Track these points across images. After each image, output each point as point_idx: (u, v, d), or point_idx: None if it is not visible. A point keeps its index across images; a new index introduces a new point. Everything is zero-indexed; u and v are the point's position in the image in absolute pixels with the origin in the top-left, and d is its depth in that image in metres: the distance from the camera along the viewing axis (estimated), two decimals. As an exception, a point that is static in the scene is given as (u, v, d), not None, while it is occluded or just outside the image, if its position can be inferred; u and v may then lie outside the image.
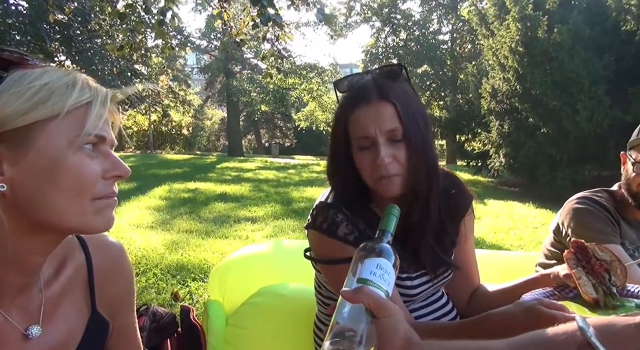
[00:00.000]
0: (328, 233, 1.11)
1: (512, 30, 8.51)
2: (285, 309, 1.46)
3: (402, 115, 1.05)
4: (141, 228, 5.03)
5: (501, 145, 9.69)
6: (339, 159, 1.14)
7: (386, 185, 1.07)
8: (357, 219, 1.13)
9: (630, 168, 1.48)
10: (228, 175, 11.02)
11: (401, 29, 21.86)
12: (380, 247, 0.83)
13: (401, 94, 1.08)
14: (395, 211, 0.89)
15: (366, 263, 0.79)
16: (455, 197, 1.25)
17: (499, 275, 1.54)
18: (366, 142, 1.06)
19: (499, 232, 5.52)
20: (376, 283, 0.77)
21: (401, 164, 1.06)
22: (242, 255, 1.69)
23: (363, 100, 1.07)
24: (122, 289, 0.92)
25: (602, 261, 1.08)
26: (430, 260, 1.18)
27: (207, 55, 22.89)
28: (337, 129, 1.12)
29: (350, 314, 0.74)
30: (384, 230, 0.86)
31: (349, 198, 1.15)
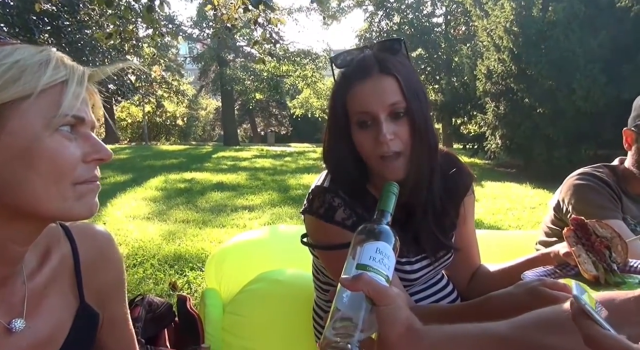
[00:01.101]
0: (325, 218, 1.08)
1: (506, 10, 8.43)
2: (282, 295, 1.45)
3: (404, 89, 1.01)
4: (137, 219, 5.00)
5: (497, 127, 9.67)
6: (336, 139, 1.09)
7: (388, 164, 1.03)
8: (355, 203, 1.10)
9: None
10: (224, 164, 10.97)
11: (394, 12, 21.61)
12: (380, 229, 0.80)
13: (402, 68, 1.04)
14: (394, 189, 0.86)
15: (365, 247, 0.77)
16: (454, 177, 1.22)
17: (498, 254, 1.52)
18: (366, 118, 1.02)
19: (496, 213, 5.52)
20: (375, 268, 0.74)
21: (403, 141, 1.02)
22: (238, 242, 1.67)
23: (363, 74, 1.02)
24: (111, 279, 0.89)
25: (602, 238, 1.06)
26: (431, 244, 1.16)
27: (199, 44, 22.64)
28: (335, 106, 1.07)
29: (350, 301, 0.72)
30: (383, 211, 0.83)
31: (346, 181, 1.11)
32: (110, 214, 5.21)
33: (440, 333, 0.73)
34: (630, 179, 1.52)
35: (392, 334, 0.70)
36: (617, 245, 1.05)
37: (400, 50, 1.10)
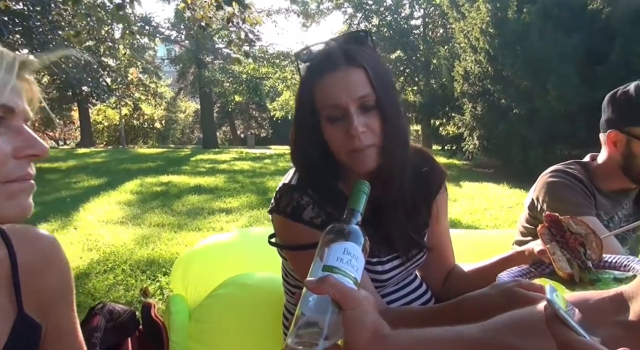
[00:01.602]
0: (292, 217, 1.03)
1: (482, 12, 8.52)
2: (252, 300, 1.39)
3: (373, 80, 0.97)
4: (110, 223, 4.87)
5: (474, 127, 9.76)
6: (304, 134, 1.04)
7: (360, 158, 0.99)
8: (324, 201, 1.05)
9: (636, 148, 1.40)
10: (202, 167, 10.82)
11: (373, 15, 21.74)
12: (349, 229, 0.76)
13: (369, 58, 1.00)
14: (364, 188, 0.82)
15: (332, 248, 0.73)
16: (426, 174, 1.18)
17: (475, 254, 1.49)
18: (336, 112, 0.97)
19: (474, 213, 5.55)
20: (343, 270, 0.70)
21: (375, 133, 0.98)
22: (206, 245, 1.60)
23: (330, 67, 0.98)
24: (54, 285, 0.82)
25: (577, 234, 1.03)
26: (402, 243, 1.12)
27: (177, 45, 22.37)
28: (302, 101, 1.03)
29: (316, 304, 0.68)
30: (353, 210, 0.79)
31: (315, 178, 1.06)
32: (82, 218, 5.06)
33: (409, 338, 0.69)
34: (604, 175, 1.51)
35: (358, 339, 0.66)
36: (592, 241, 1.02)
37: (366, 41, 1.06)
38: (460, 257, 1.31)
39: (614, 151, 1.44)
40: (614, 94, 1.47)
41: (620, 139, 1.43)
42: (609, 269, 0.99)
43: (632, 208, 1.58)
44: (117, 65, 19.17)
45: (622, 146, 1.42)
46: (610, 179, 1.50)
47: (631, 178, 1.46)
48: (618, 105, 1.45)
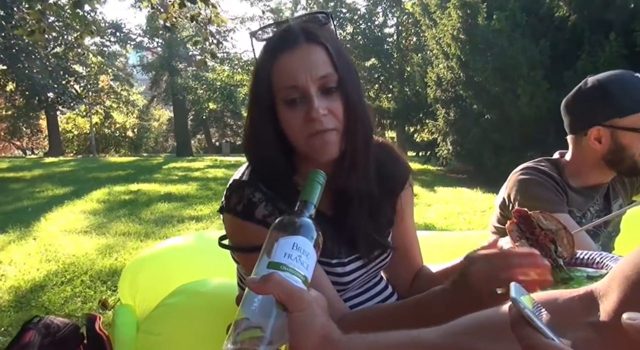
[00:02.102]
0: (243, 215, 0.94)
1: (453, 18, 8.62)
2: (205, 309, 1.28)
3: (335, 59, 0.89)
4: (73, 233, 4.66)
5: (448, 133, 9.83)
6: (259, 121, 0.95)
7: (321, 143, 0.90)
8: (278, 197, 0.95)
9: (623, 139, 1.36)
10: (174, 175, 10.60)
11: (347, 23, 21.87)
12: (300, 222, 0.68)
13: (331, 38, 0.93)
14: (319, 178, 0.73)
15: (280, 243, 0.65)
16: (390, 168, 1.10)
17: (446, 256, 1.43)
18: (294, 93, 0.89)
19: (448, 217, 5.54)
20: (291, 267, 0.63)
21: (337, 117, 0.90)
22: (157, 251, 1.49)
23: (288, 45, 0.89)
24: None
25: (547, 230, 0.97)
26: (364, 242, 1.03)
27: (149, 52, 22.04)
28: (258, 84, 0.93)
29: (260, 307, 0.60)
30: (306, 201, 0.72)
31: (269, 171, 0.96)
32: (42, 229, 4.84)
33: (362, 343, 0.63)
34: (575, 172, 1.48)
35: (305, 344, 0.60)
36: (563, 238, 0.95)
37: (328, 23, 0.99)
38: (433, 259, 1.24)
39: (598, 148, 1.39)
40: (576, 94, 1.44)
41: (604, 133, 1.38)
42: (581, 267, 0.93)
43: (603, 203, 1.55)
44: (88, 72, 18.77)
45: (608, 140, 1.38)
46: (582, 176, 1.48)
47: (619, 170, 1.43)
48: (591, 101, 1.41)
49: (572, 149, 1.50)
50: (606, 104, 1.37)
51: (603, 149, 1.40)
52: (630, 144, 1.36)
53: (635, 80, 1.37)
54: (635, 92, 1.36)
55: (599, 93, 1.38)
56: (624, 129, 1.35)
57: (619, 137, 1.36)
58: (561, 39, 7.91)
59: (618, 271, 0.49)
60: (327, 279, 0.99)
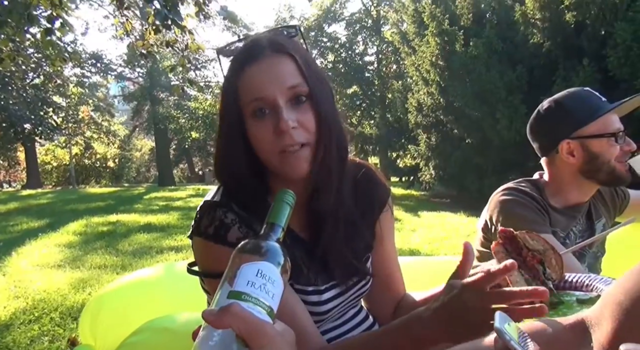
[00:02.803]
0: (215, 239, 0.86)
1: (431, 45, 8.79)
2: (171, 347, 1.17)
3: (304, 70, 0.84)
4: (45, 268, 4.47)
5: (430, 158, 9.90)
6: (229, 139, 0.89)
7: (292, 159, 0.84)
8: (252, 218, 0.89)
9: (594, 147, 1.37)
10: (155, 205, 10.40)
11: (328, 51, 22.26)
12: (266, 247, 0.62)
13: (299, 49, 0.88)
14: (288, 198, 0.67)
15: (243, 269, 0.58)
16: (368, 190, 1.04)
17: (432, 281, 1.36)
18: (262, 105, 0.83)
19: (432, 242, 5.49)
20: (254, 297, 0.56)
21: (308, 131, 0.84)
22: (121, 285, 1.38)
23: (254, 57, 0.85)
24: None
25: (534, 251, 0.91)
26: (341, 268, 0.96)
27: (130, 82, 22.02)
28: (225, 100, 0.88)
29: (219, 343, 0.53)
30: (273, 224, 0.66)
31: (241, 191, 0.90)
32: (12, 264, 4.64)
33: None
34: (555, 192, 1.47)
35: None
36: (551, 258, 0.90)
37: (296, 35, 0.94)
38: (418, 285, 1.17)
39: (573, 162, 1.40)
40: (537, 118, 1.48)
41: (574, 146, 1.40)
42: (570, 290, 0.87)
43: (586, 223, 1.53)
44: (67, 103, 18.62)
45: (580, 152, 1.39)
46: (562, 195, 1.46)
47: (600, 180, 1.42)
48: (552, 120, 1.44)
49: (548, 170, 1.51)
50: (567, 117, 1.40)
51: (577, 161, 1.40)
52: (601, 150, 1.38)
53: (587, 92, 1.42)
54: (590, 102, 1.40)
55: (558, 110, 1.42)
56: (591, 137, 1.37)
57: (589, 146, 1.38)
58: (537, 65, 8.10)
59: (610, 297, 0.45)
60: (302, 307, 0.91)
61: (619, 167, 1.38)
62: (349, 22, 22.33)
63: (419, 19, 9.54)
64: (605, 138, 1.37)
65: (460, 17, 8.98)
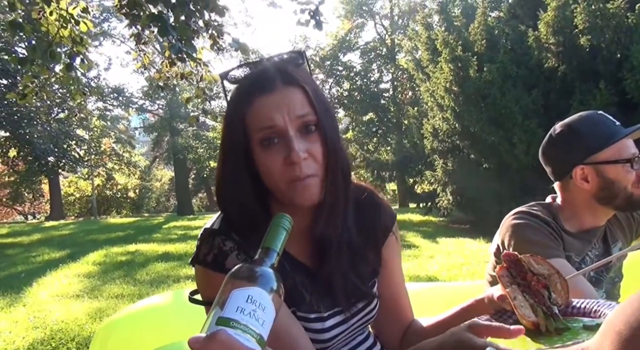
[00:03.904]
0: (214, 266, 0.87)
1: (445, 71, 8.83)
2: (179, 375, 1.17)
3: (314, 100, 0.86)
4: (64, 298, 4.52)
5: (447, 183, 9.80)
6: (233, 167, 0.89)
7: (302, 188, 0.85)
8: (251, 246, 0.89)
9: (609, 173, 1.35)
10: (174, 234, 10.49)
11: (344, 80, 22.55)
12: (259, 272, 0.61)
13: (308, 78, 0.90)
14: (284, 222, 0.68)
15: (233, 295, 0.58)
16: (372, 215, 1.04)
17: (447, 308, 1.34)
18: (272, 135, 0.84)
19: (451, 269, 5.39)
20: (243, 324, 0.55)
21: (317, 161, 0.85)
22: (130, 313, 1.39)
23: (265, 87, 0.86)
24: None
25: (539, 275, 0.89)
26: (346, 294, 0.95)
27: (150, 114, 22.58)
28: (231, 127, 0.88)
29: None
30: (268, 248, 0.66)
31: (243, 218, 0.90)
32: (33, 294, 4.70)
33: None
34: (570, 216, 1.44)
35: None
36: (556, 283, 0.88)
37: (303, 63, 0.95)
38: (431, 312, 1.15)
39: (587, 188, 1.37)
40: (549, 142, 1.46)
41: (589, 172, 1.37)
42: (577, 316, 0.85)
43: (602, 247, 1.48)
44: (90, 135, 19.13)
45: (594, 177, 1.36)
46: (576, 219, 1.43)
47: (617, 206, 1.39)
48: (565, 144, 1.41)
49: (562, 194, 1.47)
50: (581, 142, 1.37)
51: (592, 187, 1.37)
52: (617, 176, 1.34)
53: (600, 116, 1.39)
54: (604, 126, 1.37)
55: (571, 135, 1.39)
56: (605, 163, 1.34)
57: (604, 172, 1.35)
58: (552, 89, 8.05)
59: (609, 326, 0.43)
60: (304, 337, 0.90)
61: (637, 193, 1.35)
62: (363, 51, 22.67)
63: (432, 46, 9.62)
64: (621, 164, 1.34)
65: (473, 43, 9.02)
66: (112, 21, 18.74)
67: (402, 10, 22.18)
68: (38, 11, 2.83)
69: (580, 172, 1.37)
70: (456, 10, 10.27)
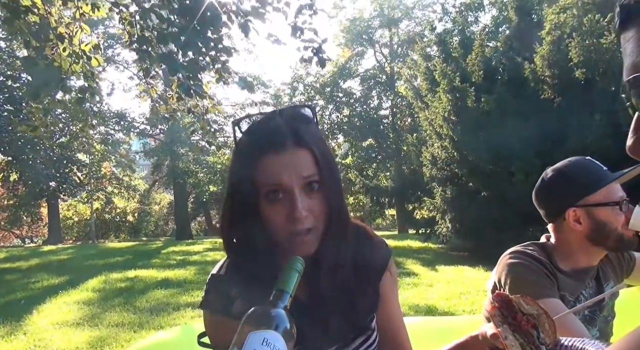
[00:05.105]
0: (221, 312, 0.93)
1: (443, 101, 9.00)
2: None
3: (320, 161, 0.92)
4: (64, 326, 4.51)
5: (446, 211, 9.84)
6: (239, 211, 0.95)
7: (299, 241, 0.92)
8: (256, 290, 0.96)
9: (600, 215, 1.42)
10: (173, 259, 10.46)
11: (344, 106, 22.80)
12: (273, 314, 0.67)
13: (316, 139, 0.96)
14: (297, 265, 0.74)
15: (250, 338, 0.63)
16: (367, 255, 1.09)
17: (447, 342, 1.39)
18: (277, 191, 0.91)
19: (450, 298, 5.39)
20: None
21: (316, 217, 0.92)
22: (141, 347, 1.44)
23: (276, 146, 0.91)
24: None
25: (529, 315, 0.96)
26: (345, 330, 1.02)
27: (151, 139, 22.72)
28: (240, 176, 0.94)
29: None
30: (282, 291, 0.72)
31: (248, 261, 0.96)
32: (33, 322, 4.69)
33: None
34: (563, 256, 1.50)
35: None
36: (545, 323, 0.94)
37: (313, 119, 1.02)
38: (431, 346, 1.19)
39: (580, 229, 1.44)
40: (542, 186, 1.55)
41: (580, 214, 1.44)
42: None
43: (595, 287, 1.54)
44: (91, 159, 19.22)
45: (586, 219, 1.43)
46: (570, 259, 1.49)
47: (608, 246, 1.46)
48: (558, 188, 1.50)
49: (555, 235, 1.54)
50: (572, 186, 1.46)
51: (584, 228, 1.44)
52: (608, 218, 1.42)
53: (588, 162, 1.48)
54: (593, 171, 1.46)
55: (563, 179, 1.48)
56: (596, 205, 1.42)
57: (595, 214, 1.42)
58: (548, 120, 8.18)
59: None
60: None
61: (627, 234, 1.42)
62: (363, 78, 23.00)
63: (430, 76, 9.82)
64: (611, 206, 1.41)
65: (471, 74, 9.21)
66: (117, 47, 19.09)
67: (402, 39, 22.62)
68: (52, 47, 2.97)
69: (572, 214, 1.45)
70: (454, 41, 10.51)
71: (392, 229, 23.49)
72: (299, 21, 3.15)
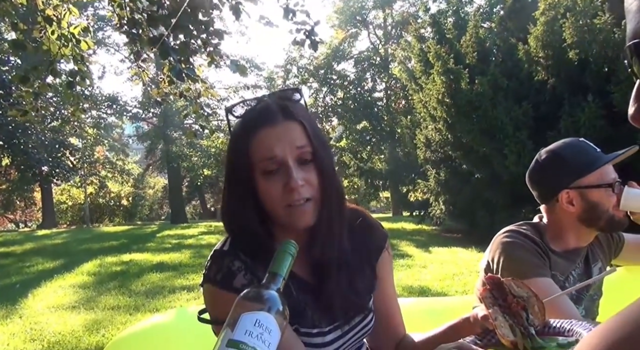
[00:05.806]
0: (222, 285, 0.95)
1: (437, 83, 8.96)
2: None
3: (310, 134, 0.96)
4: (60, 309, 4.54)
5: (440, 193, 9.90)
6: (238, 193, 0.99)
7: (299, 212, 0.95)
8: (258, 265, 0.97)
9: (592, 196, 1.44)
10: (168, 243, 10.50)
11: (338, 89, 22.69)
12: (265, 296, 0.68)
13: (305, 114, 1.00)
14: (290, 248, 0.75)
15: (242, 318, 0.64)
16: (364, 236, 1.13)
17: (440, 322, 1.41)
18: (273, 164, 0.94)
19: (443, 279, 5.46)
20: (251, 346, 0.61)
21: (313, 187, 0.95)
22: (137, 330, 1.45)
23: (267, 121, 0.96)
24: None
25: (519, 297, 0.98)
26: (345, 309, 1.04)
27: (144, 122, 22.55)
28: (236, 155, 0.98)
29: None
30: (275, 273, 0.72)
31: (248, 240, 0.99)
32: (29, 306, 4.71)
33: None
34: (555, 236, 1.52)
35: None
36: (534, 305, 0.97)
37: (300, 99, 1.06)
38: (425, 327, 1.22)
39: (572, 210, 1.46)
40: (535, 167, 1.55)
41: (573, 195, 1.46)
42: (553, 335, 0.93)
43: (583, 267, 1.56)
44: (84, 144, 19.09)
45: (579, 201, 1.45)
46: (562, 239, 1.51)
47: (600, 227, 1.48)
48: (551, 170, 1.50)
49: (548, 216, 1.55)
50: (565, 168, 1.47)
51: (577, 210, 1.46)
52: (600, 199, 1.43)
53: (582, 143, 1.49)
54: (587, 153, 1.46)
55: (556, 161, 1.48)
56: (589, 187, 1.43)
57: (588, 195, 1.44)
58: (542, 101, 8.20)
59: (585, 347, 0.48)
60: None
61: (618, 214, 1.44)
62: (357, 60, 22.86)
63: (424, 58, 9.76)
64: (603, 188, 1.43)
65: (465, 56, 9.17)
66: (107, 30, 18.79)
67: (396, 20, 22.42)
68: (40, 30, 2.92)
69: (565, 196, 1.46)
70: (448, 22, 10.42)
71: (387, 211, 23.64)
72: (290, 3, 3.12)
